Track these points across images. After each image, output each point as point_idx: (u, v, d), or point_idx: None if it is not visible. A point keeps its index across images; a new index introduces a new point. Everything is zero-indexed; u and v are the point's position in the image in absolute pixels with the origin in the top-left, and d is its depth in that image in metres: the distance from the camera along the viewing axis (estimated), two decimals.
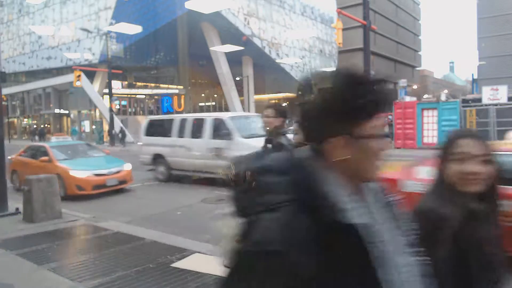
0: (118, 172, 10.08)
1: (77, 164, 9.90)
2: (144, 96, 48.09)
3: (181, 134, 11.30)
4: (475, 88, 44.20)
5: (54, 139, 11.79)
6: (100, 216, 7.18)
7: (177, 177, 11.43)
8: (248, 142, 9.26)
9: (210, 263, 4.41)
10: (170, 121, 12.17)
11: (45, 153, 10.21)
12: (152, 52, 42.20)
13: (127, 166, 10.43)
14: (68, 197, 9.01)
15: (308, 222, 0.81)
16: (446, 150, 1.40)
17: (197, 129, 10.99)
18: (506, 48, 49.72)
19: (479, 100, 18.76)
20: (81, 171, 9.50)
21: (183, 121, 11.60)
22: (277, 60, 45.27)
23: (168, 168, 11.50)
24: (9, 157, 11.13)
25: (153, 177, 11.96)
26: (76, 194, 9.24)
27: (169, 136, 11.60)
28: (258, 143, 9.40)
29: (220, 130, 10.35)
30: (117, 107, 40.40)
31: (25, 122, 49.63)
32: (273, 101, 57.17)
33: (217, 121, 10.71)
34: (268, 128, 3.51)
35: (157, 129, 12.50)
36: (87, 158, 10.69)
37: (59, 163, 9.77)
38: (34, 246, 5.31)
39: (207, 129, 10.66)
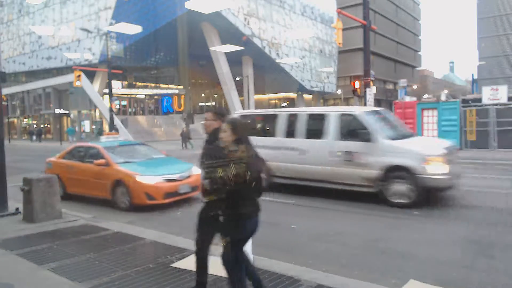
0: (189, 176, 8.45)
1: (142, 167, 8.33)
2: (144, 96, 48.12)
3: (290, 134, 9.08)
4: (475, 88, 44.21)
5: (104, 139, 9.83)
6: (100, 216, 7.18)
7: (278, 186, 9.32)
8: (397, 145, 7.84)
9: (210, 263, 4.41)
10: (273, 117, 9.77)
11: (98, 155, 8.67)
12: (152, 52, 42.18)
13: (196, 170, 8.57)
14: (133, 208, 7.87)
15: None
16: None
17: (316, 128, 8.78)
18: (506, 48, 49.74)
19: (479, 100, 18.76)
20: (150, 176, 7.93)
21: (293, 117, 9.26)
22: (277, 60, 45.26)
23: (267, 175, 9.07)
24: (48, 160, 9.98)
25: None
26: (145, 204, 7.83)
27: (271, 136, 9.40)
28: (409, 146, 8.05)
29: (352, 129, 8.30)
30: (117, 107, 40.42)
31: (25, 122, 49.63)
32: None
33: (347, 117, 8.61)
34: (209, 130, 3.77)
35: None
36: (149, 160, 9.04)
37: (120, 166, 8.28)
38: (34, 246, 5.31)
39: (332, 127, 8.44)
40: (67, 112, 41.52)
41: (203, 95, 55.64)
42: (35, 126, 45.77)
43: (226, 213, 3.08)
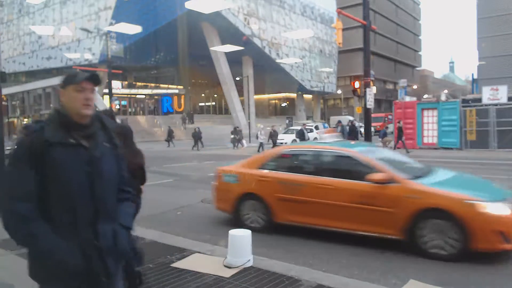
0: None
1: (462, 189, 5.09)
2: (144, 96, 48.13)
3: None
4: (475, 88, 44.24)
5: (328, 138, 6.58)
6: None
7: None
8: None
9: (210, 263, 4.42)
10: None
11: (356, 165, 5.46)
12: (152, 52, 42.22)
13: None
14: (464, 254, 4.68)
15: None
16: None
17: None
18: (506, 48, 49.73)
19: (479, 100, 18.78)
20: (498, 204, 4.74)
21: None
22: (277, 60, 45.28)
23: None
24: (223, 169, 6.72)
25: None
26: (495, 250, 4.72)
27: None
28: None
29: None
30: (117, 107, 40.42)
31: (25, 122, 49.66)
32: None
33: None
34: None
35: None
36: (435, 174, 5.69)
37: (426, 186, 5.06)
38: None
39: None
40: None
41: (203, 95, 55.66)
42: None
43: None
